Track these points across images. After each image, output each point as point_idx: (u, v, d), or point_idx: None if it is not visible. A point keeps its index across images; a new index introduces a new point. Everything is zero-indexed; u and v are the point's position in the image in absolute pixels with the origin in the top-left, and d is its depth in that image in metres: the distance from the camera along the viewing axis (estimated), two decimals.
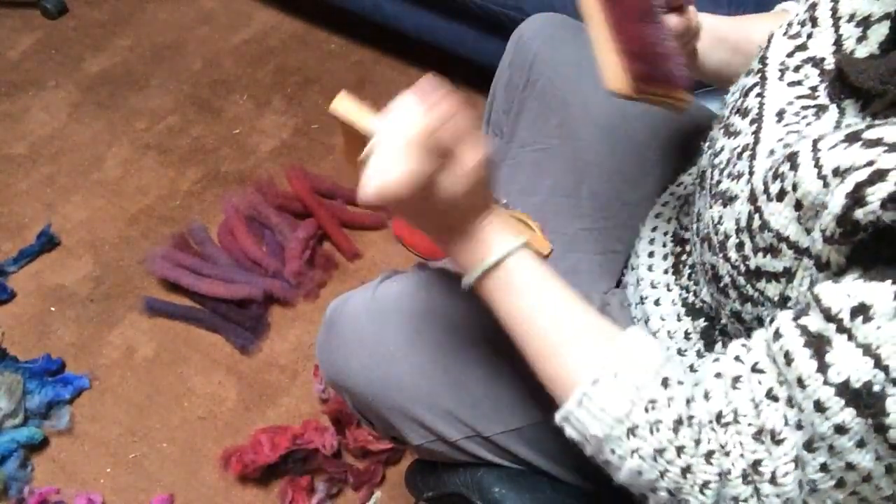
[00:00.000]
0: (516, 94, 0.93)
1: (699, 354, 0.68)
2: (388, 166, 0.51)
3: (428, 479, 0.86)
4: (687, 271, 0.70)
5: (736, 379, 0.50)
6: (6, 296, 1.44)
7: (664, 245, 0.75)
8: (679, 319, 0.70)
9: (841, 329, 0.43)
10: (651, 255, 0.75)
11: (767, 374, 0.48)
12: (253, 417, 1.29)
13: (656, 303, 0.72)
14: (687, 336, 0.69)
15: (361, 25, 1.85)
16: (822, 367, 0.44)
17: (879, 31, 0.55)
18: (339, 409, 1.23)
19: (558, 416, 0.55)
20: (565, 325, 0.56)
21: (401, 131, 0.52)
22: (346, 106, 0.60)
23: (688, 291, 0.69)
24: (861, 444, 0.43)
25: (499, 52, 0.98)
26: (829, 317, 0.44)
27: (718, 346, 0.67)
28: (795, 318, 0.47)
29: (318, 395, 1.29)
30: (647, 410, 0.52)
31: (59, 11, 2.01)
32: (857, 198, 0.42)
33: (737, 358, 0.51)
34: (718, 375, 0.52)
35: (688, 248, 0.70)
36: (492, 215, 0.58)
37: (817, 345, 0.44)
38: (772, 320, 0.49)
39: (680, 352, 0.69)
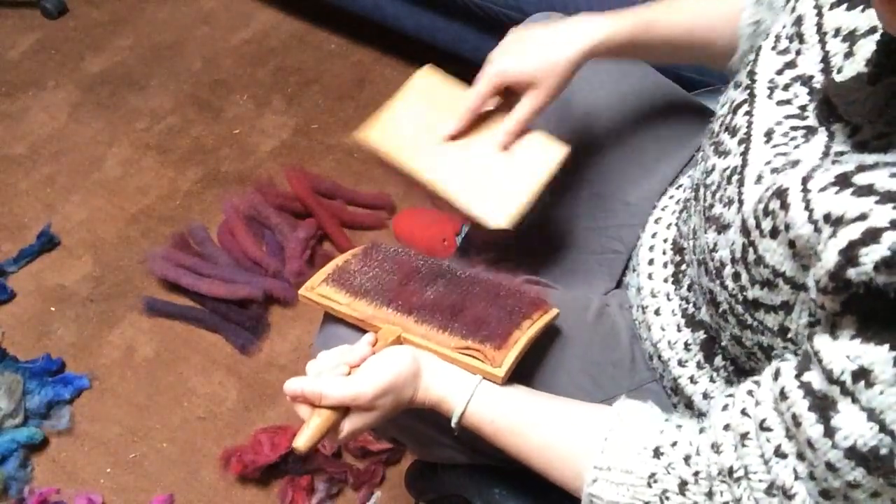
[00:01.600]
0: None
1: (699, 366, 0.68)
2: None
3: (428, 481, 0.86)
4: (687, 281, 0.69)
5: (744, 436, 0.50)
6: (6, 296, 1.44)
7: (664, 253, 0.74)
8: (679, 330, 0.69)
9: (844, 392, 0.43)
10: (651, 262, 0.75)
11: (775, 432, 0.49)
12: (253, 417, 1.29)
13: (656, 312, 0.72)
14: (687, 347, 0.69)
15: (361, 25, 1.85)
16: (830, 432, 0.44)
17: (866, 47, 0.54)
18: None
19: None
20: (547, 437, 0.61)
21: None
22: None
23: (687, 302, 0.69)
24: (876, 494, 0.44)
25: None
26: (831, 379, 0.44)
27: (718, 359, 0.66)
28: (799, 375, 0.47)
29: None
30: (650, 486, 0.54)
31: (59, 11, 2.01)
32: (849, 257, 0.42)
33: (744, 412, 0.51)
34: (727, 428, 0.52)
35: (686, 258, 0.70)
36: (422, 386, 0.63)
37: (822, 407, 0.45)
38: (776, 374, 0.49)
39: (680, 363, 0.69)
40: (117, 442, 1.27)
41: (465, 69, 1.81)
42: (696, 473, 0.53)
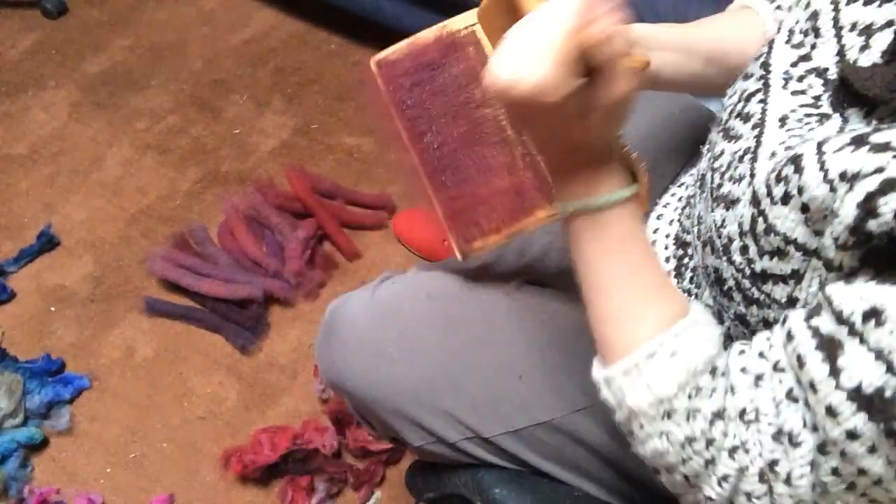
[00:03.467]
0: None
1: None
2: (524, 64, 0.45)
3: (428, 480, 0.86)
4: (689, 275, 0.69)
5: (759, 377, 0.50)
6: (6, 296, 1.44)
7: (666, 248, 0.74)
8: None
9: (853, 332, 0.43)
10: None
11: (787, 374, 0.48)
12: (253, 417, 1.29)
13: None
14: None
15: (361, 25, 1.85)
16: (834, 372, 0.43)
17: (882, 40, 0.54)
18: (339, 409, 1.23)
19: (599, 376, 0.54)
20: (637, 291, 0.54)
21: (555, 25, 0.45)
22: None
23: (689, 295, 0.69)
24: (872, 449, 0.43)
25: None
26: (840, 319, 0.43)
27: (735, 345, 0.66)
28: (808, 319, 0.47)
29: (318, 395, 1.29)
30: (690, 397, 0.50)
31: (59, 11, 2.01)
32: (868, 208, 0.42)
33: (761, 354, 0.51)
34: (744, 370, 0.51)
35: (689, 251, 0.70)
36: (611, 153, 0.53)
37: (829, 348, 0.44)
38: (785, 319, 0.49)
39: None
40: (117, 442, 1.27)
41: None
42: (724, 410, 0.51)
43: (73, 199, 1.61)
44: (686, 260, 0.71)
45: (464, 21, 0.62)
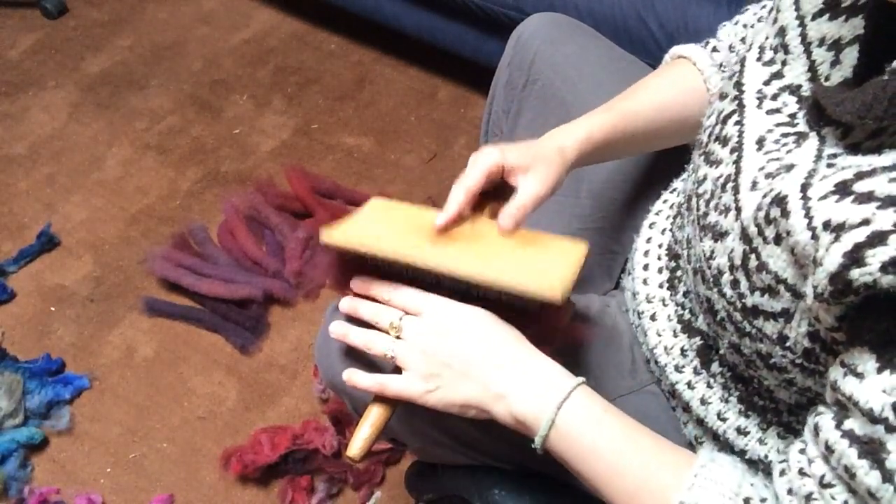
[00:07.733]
0: (516, 93, 0.92)
1: (695, 371, 0.68)
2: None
3: (428, 481, 0.86)
4: (682, 287, 0.69)
5: (808, 496, 0.49)
6: (6, 296, 1.44)
7: (659, 258, 0.74)
8: (675, 336, 0.69)
9: (889, 429, 0.42)
10: (646, 267, 0.75)
11: (837, 488, 0.47)
12: (253, 417, 1.29)
13: (652, 318, 0.72)
14: (683, 353, 0.68)
15: (361, 25, 1.85)
16: (887, 476, 0.43)
17: (851, 55, 0.54)
18: (339, 409, 1.23)
19: None
20: (633, 467, 0.56)
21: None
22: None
23: (683, 308, 0.69)
24: None
25: (499, 52, 0.98)
26: (873, 419, 0.43)
27: (715, 365, 0.66)
28: (839, 425, 0.46)
29: (318, 395, 1.29)
30: None
31: (59, 11, 2.01)
32: (855, 258, 0.42)
33: (801, 472, 0.50)
34: (791, 492, 0.51)
35: (681, 263, 0.70)
36: (511, 386, 0.60)
37: (872, 452, 0.43)
38: (816, 429, 0.48)
39: (677, 368, 0.69)
40: (117, 442, 1.27)
41: (465, 69, 1.81)
42: None
43: (73, 199, 1.61)
44: (679, 272, 0.70)
45: None
